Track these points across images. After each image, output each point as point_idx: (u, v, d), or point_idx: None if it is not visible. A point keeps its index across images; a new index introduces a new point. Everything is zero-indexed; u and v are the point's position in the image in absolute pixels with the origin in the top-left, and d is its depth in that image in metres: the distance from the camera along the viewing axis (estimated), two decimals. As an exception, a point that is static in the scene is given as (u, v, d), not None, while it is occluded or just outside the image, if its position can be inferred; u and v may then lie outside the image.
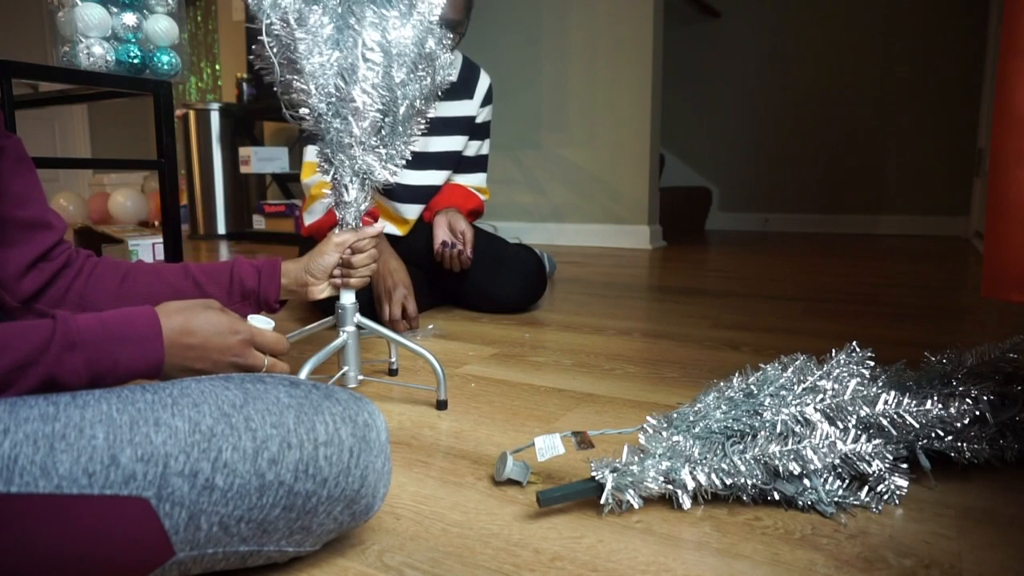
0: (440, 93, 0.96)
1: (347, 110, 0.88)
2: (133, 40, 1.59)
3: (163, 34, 1.62)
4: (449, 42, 0.95)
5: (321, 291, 0.95)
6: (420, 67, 0.91)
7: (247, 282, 0.89)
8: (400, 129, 0.92)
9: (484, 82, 1.70)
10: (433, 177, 1.66)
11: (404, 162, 0.95)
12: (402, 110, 0.91)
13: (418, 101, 0.93)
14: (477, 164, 1.74)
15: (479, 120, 1.71)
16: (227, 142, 3.74)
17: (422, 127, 0.96)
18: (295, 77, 0.87)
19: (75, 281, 0.80)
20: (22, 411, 0.45)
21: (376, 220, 1.56)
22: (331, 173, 0.92)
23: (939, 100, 3.60)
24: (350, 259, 0.95)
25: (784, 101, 3.96)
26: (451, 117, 1.65)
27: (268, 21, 0.85)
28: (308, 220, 1.52)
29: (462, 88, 1.66)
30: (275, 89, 0.89)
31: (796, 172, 3.98)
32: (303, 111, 0.88)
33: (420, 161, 1.61)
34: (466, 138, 1.69)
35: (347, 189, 0.93)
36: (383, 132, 0.91)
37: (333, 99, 0.88)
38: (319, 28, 0.85)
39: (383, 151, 0.92)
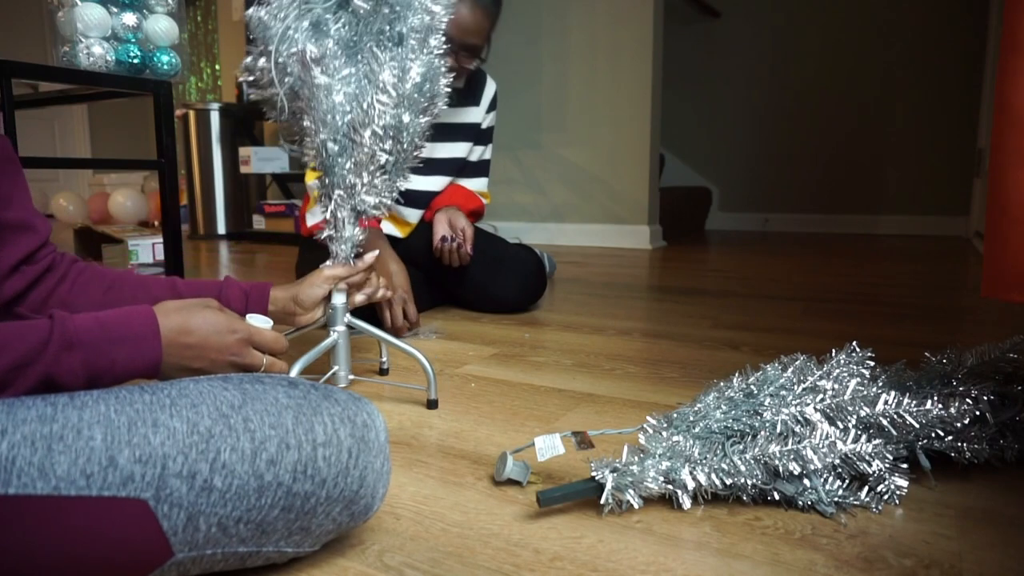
0: (435, 120, 0.96)
1: (356, 150, 0.87)
2: (133, 40, 1.59)
3: (163, 34, 1.62)
4: (447, 80, 0.94)
5: (309, 319, 0.96)
6: (423, 104, 0.90)
7: (234, 305, 0.89)
8: (397, 168, 0.92)
9: (490, 89, 1.69)
10: (438, 183, 1.66)
11: (397, 195, 0.96)
12: (405, 147, 0.90)
13: (418, 138, 0.92)
14: (480, 169, 1.74)
15: (484, 126, 1.71)
16: (227, 142, 3.74)
17: (417, 162, 0.95)
18: (303, 114, 0.86)
19: (59, 286, 0.79)
20: (20, 412, 0.45)
21: (379, 223, 1.56)
22: (328, 208, 0.92)
23: (939, 100, 3.60)
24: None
25: (784, 101, 3.96)
26: (457, 124, 1.65)
27: (275, 54, 0.84)
28: (310, 221, 1.52)
29: (468, 95, 1.65)
30: (271, 119, 0.89)
31: (796, 172, 3.98)
32: (307, 146, 0.88)
33: (426, 167, 1.61)
34: (471, 144, 1.69)
35: (343, 224, 0.92)
36: (385, 170, 0.91)
37: (343, 139, 0.87)
38: (335, 69, 0.84)
39: (380, 188, 0.92)
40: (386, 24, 0.86)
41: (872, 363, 0.76)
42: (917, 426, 0.69)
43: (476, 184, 1.73)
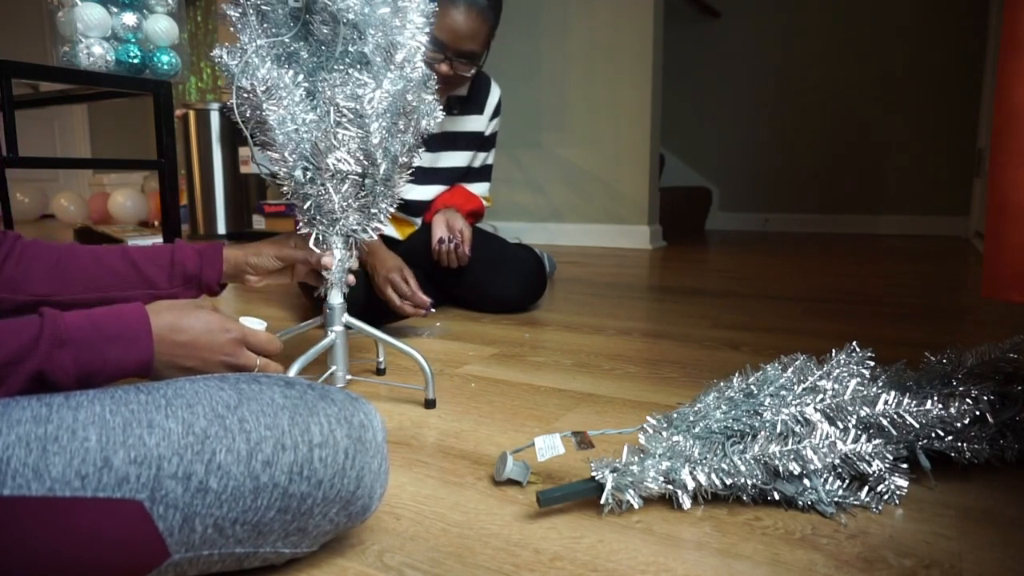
0: (426, 136, 0.94)
1: (323, 178, 0.86)
2: (133, 40, 1.59)
3: (163, 34, 1.62)
4: (434, 83, 0.92)
5: (258, 283, 0.96)
6: (400, 123, 0.89)
7: (188, 266, 0.88)
8: (380, 189, 0.91)
9: (494, 95, 1.66)
10: (441, 192, 1.65)
11: (388, 218, 0.94)
12: (383, 169, 0.89)
13: (401, 156, 0.91)
14: (481, 174, 1.72)
15: (487, 133, 1.68)
16: (227, 142, 3.73)
17: (409, 178, 0.94)
18: (269, 146, 0.86)
19: (4, 265, 0.78)
20: (15, 413, 0.45)
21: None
22: (313, 235, 0.91)
23: (939, 100, 3.60)
24: (319, 269, 0.94)
25: (784, 101, 3.96)
26: (461, 132, 1.63)
27: (239, 86, 0.83)
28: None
29: (472, 102, 1.62)
30: (251, 153, 0.88)
31: (796, 172, 3.98)
32: (280, 173, 0.87)
33: (429, 176, 1.59)
34: (474, 152, 1.67)
35: (332, 249, 0.92)
36: (364, 192, 0.90)
37: (309, 166, 0.87)
38: (289, 95, 0.84)
39: (367, 210, 0.91)
40: (349, 46, 0.85)
41: (872, 363, 0.76)
42: (917, 426, 0.69)
43: (477, 190, 1.71)
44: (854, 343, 0.77)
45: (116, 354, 0.60)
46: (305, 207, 0.89)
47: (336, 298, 0.94)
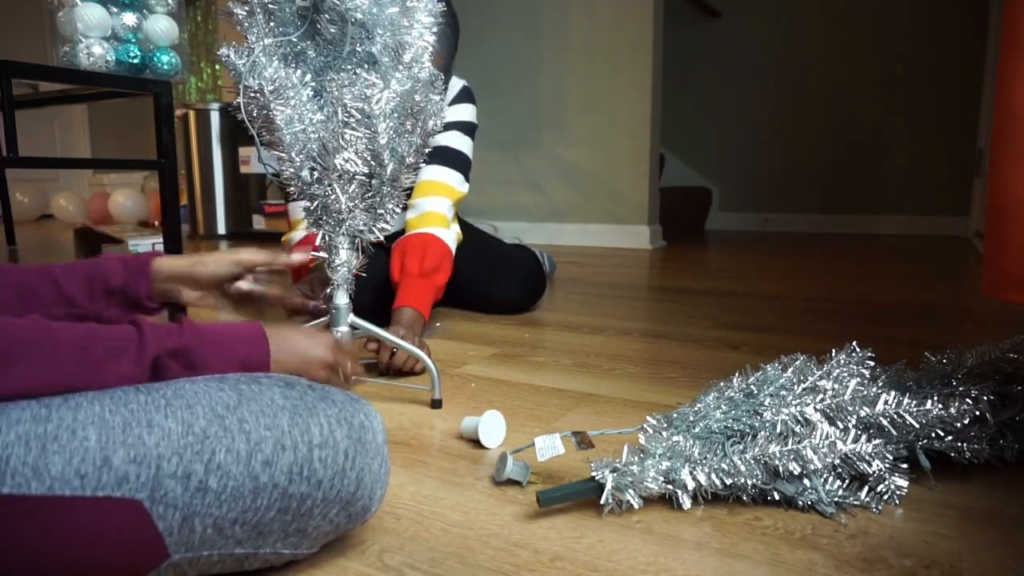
0: (435, 141, 0.93)
1: (330, 178, 0.86)
2: (133, 40, 1.59)
3: (163, 34, 1.62)
4: (440, 84, 0.91)
5: (196, 299, 0.83)
6: (408, 123, 0.88)
7: (111, 280, 0.77)
8: (387, 189, 0.90)
9: (454, 88, 1.54)
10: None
11: (395, 219, 0.93)
12: (390, 169, 0.88)
13: (408, 157, 0.90)
14: (448, 157, 1.48)
15: (448, 119, 1.50)
16: (227, 142, 3.73)
17: (413, 179, 0.93)
18: (277, 146, 0.85)
19: None
20: (14, 412, 0.45)
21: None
22: (319, 236, 0.90)
23: (939, 100, 3.60)
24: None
25: (784, 101, 3.96)
26: None
27: (247, 85, 0.82)
28: (296, 237, 1.49)
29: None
30: (257, 152, 0.88)
31: (796, 172, 3.98)
32: (286, 173, 0.87)
33: None
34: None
35: (337, 250, 0.91)
36: (371, 192, 0.90)
37: (316, 167, 0.86)
38: (297, 95, 0.83)
39: (373, 210, 0.90)
40: (357, 46, 0.85)
41: (872, 363, 0.76)
42: (917, 426, 0.69)
43: (441, 174, 1.46)
44: (854, 343, 0.77)
45: (244, 351, 0.61)
46: (312, 207, 0.89)
47: (342, 299, 0.94)
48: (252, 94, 0.82)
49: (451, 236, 1.39)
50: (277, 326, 0.69)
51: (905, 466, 0.68)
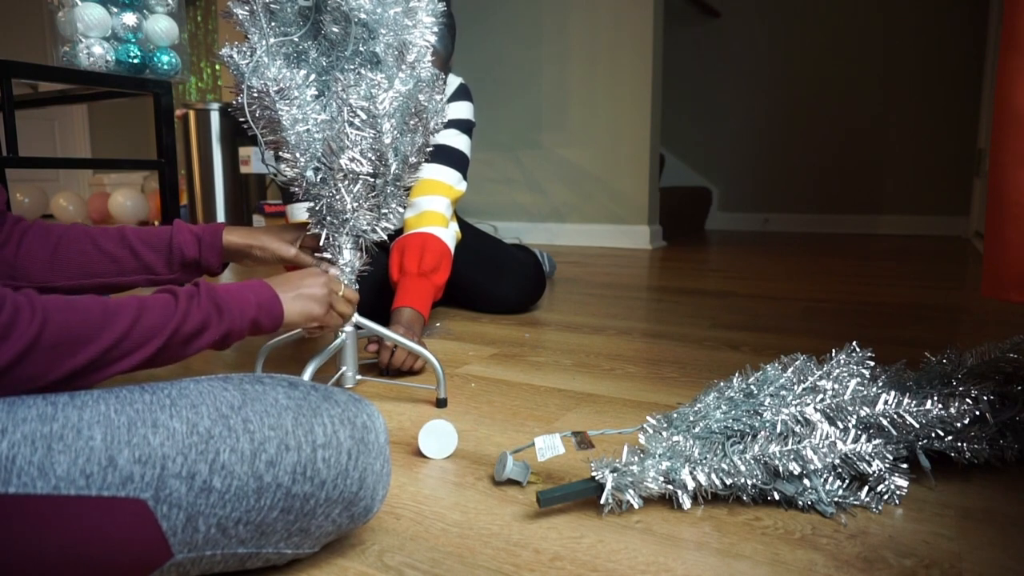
0: (433, 140, 0.93)
1: (335, 178, 0.86)
2: (133, 40, 1.59)
3: (163, 34, 1.62)
4: (442, 83, 0.91)
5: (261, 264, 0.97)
6: (411, 122, 0.89)
7: (187, 252, 0.88)
8: (391, 189, 0.90)
9: (451, 85, 1.54)
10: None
11: (398, 220, 0.93)
12: (394, 168, 0.89)
13: (411, 156, 0.91)
14: (446, 156, 1.47)
15: (447, 117, 1.53)
16: (227, 142, 3.73)
17: (416, 178, 0.93)
18: (281, 147, 0.86)
19: (4, 249, 0.78)
20: (20, 411, 0.45)
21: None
22: (323, 236, 0.91)
23: (939, 100, 3.60)
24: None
25: (784, 101, 3.96)
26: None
27: (250, 86, 0.83)
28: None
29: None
30: (260, 153, 0.88)
31: (796, 172, 3.98)
32: (289, 174, 0.87)
33: None
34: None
35: (341, 250, 0.91)
36: (375, 192, 0.90)
37: (321, 167, 0.86)
38: (301, 95, 0.83)
39: (377, 210, 0.91)
40: (360, 46, 0.85)
41: (872, 363, 0.76)
42: (917, 426, 0.69)
43: (439, 173, 1.46)
44: (854, 343, 0.77)
45: (253, 297, 0.72)
46: (316, 208, 0.89)
47: None
48: (255, 94, 0.82)
49: (450, 235, 1.38)
50: (274, 276, 0.79)
51: (905, 466, 0.68)
